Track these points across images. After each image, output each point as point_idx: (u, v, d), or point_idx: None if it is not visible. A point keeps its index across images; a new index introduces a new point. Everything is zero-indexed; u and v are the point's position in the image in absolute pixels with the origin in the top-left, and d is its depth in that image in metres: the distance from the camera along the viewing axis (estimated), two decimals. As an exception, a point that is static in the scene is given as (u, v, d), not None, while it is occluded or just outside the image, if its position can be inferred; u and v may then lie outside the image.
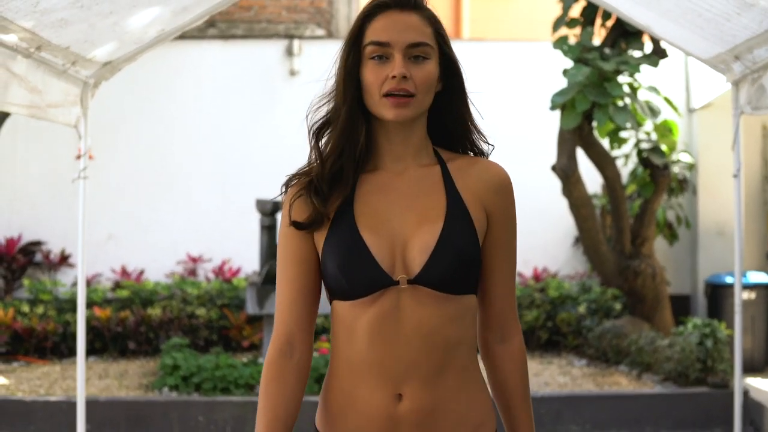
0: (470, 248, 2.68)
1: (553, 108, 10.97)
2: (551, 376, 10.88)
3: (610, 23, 11.44)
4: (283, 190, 2.79)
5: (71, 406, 9.07)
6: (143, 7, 5.74)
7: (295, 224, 2.71)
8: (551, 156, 12.20)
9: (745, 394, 9.83)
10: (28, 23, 4.97)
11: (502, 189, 2.78)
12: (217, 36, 14.25)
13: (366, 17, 2.72)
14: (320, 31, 14.50)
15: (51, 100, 5.70)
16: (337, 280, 2.68)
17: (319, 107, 2.78)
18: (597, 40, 11.70)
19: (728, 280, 11.88)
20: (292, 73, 13.93)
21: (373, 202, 2.72)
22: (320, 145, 2.77)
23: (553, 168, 11.62)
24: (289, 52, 14.02)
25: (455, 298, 2.67)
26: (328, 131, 2.77)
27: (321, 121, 2.77)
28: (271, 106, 13.96)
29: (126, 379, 10.79)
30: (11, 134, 13.31)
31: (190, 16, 6.37)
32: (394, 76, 2.63)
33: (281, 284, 2.74)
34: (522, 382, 2.82)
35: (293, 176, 2.79)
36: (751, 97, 6.25)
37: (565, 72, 10.98)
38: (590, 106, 10.89)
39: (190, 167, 13.95)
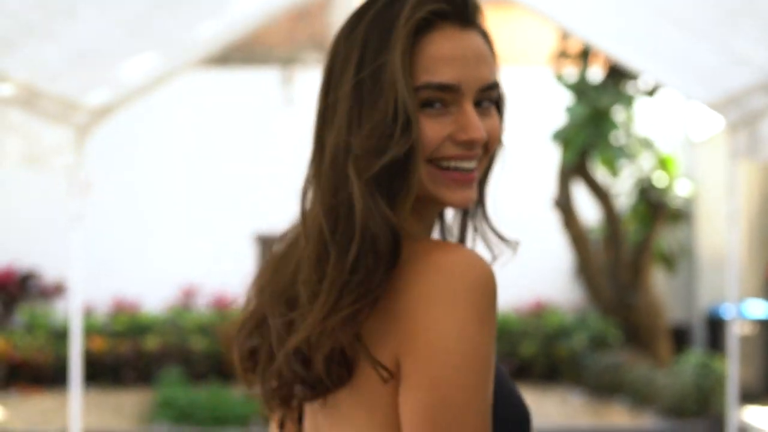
0: None
1: (554, 142, 11.12)
2: (549, 409, 10.84)
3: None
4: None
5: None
6: (137, 53, 5.73)
7: None
8: (550, 185, 12.25)
9: (743, 428, 9.79)
10: (23, 75, 4.96)
11: None
12: (215, 61, 14.24)
13: (414, 31, 1.58)
14: (318, 58, 14.49)
15: (46, 147, 5.69)
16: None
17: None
18: (599, 70, 11.73)
19: (727, 313, 11.87)
20: (289, 100, 13.91)
21: None
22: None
23: (555, 203, 11.74)
24: (287, 80, 14.01)
25: None
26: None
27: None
28: (268, 134, 13.94)
29: (122, 411, 10.75)
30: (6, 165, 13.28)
31: (184, 59, 6.36)
32: (465, 140, 1.58)
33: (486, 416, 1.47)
34: None
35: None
36: (747, 143, 6.23)
37: (568, 110, 11.11)
38: (587, 142, 10.98)
39: (186, 196, 13.92)
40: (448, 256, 1.47)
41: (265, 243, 10.93)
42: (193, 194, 13.94)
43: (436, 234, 1.72)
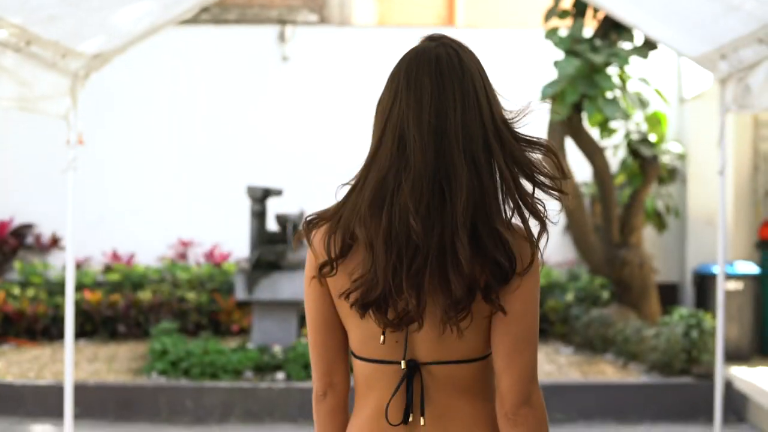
0: None
1: (543, 99, 11.06)
2: (539, 364, 10.93)
3: (601, 15, 11.50)
4: None
5: (60, 390, 9.11)
6: (133, 1, 5.77)
7: None
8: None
9: (729, 384, 9.90)
10: (17, 19, 5.01)
11: None
12: (210, 21, 14.26)
13: None
14: (313, 17, 14.50)
15: (41, 93, 5.74)
16: None
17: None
18: (589, 30, 11.75)
19: (715, 270, 11.91)
20: (284, 58, 13.95)
21: None
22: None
23: (544, 159, 11.77)
24: (282, 38, 14.04)
25: None
26: None
27: None
28: (263, 91, 13.99)
29: (115, 363, 10.85)
30: (2, 117, 13.33)
31: (180, 8, 6.41)
32: None
33: None
34: None
35: None
36: (737, 96, 6.30)
37: (556, 64, 11.08)
38: (580, 97, 10.99)
39: (181, 151, 13.98)
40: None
41: (259, 198, 10.94)
42: (188, 149, 14.00)
43: None
